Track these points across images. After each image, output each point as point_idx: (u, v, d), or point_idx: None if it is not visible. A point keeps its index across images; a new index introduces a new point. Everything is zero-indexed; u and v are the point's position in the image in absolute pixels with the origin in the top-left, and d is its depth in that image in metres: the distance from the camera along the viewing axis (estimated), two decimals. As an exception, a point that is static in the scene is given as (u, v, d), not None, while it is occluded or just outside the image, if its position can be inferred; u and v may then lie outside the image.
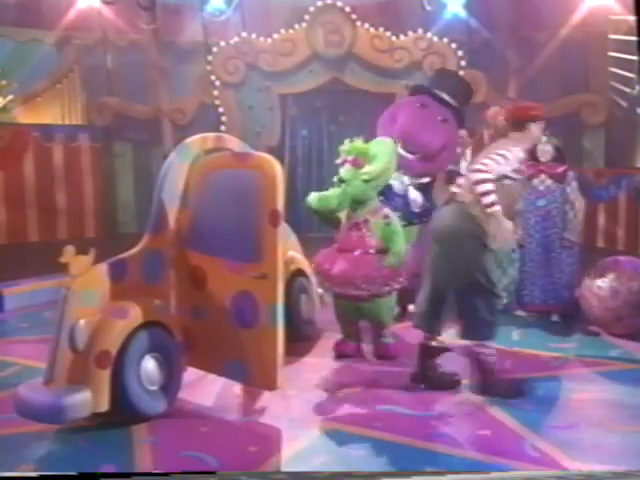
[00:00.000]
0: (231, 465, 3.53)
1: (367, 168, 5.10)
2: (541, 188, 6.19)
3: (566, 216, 6.11)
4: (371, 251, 5.06)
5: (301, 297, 5.70)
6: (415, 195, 6.10)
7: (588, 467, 3.46)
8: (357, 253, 5.06)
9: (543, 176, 6.20)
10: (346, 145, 5.24)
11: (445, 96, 6.23)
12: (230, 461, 3.57)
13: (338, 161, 5.24)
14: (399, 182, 5.98)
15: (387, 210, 5.25)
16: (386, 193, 5.68)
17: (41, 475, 3.45)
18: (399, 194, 5.99)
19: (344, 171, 5.13)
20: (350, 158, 5.14)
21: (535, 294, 6.25)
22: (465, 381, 4.74)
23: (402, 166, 5.83)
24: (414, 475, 3.39)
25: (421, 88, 6.54)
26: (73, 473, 3.35)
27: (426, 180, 6.20)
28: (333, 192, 5.12)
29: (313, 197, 5.18)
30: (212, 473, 3.43)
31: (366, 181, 5.08)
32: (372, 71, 10.96)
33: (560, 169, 6.18)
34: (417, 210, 6.06)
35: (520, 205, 6.39)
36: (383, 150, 5.28)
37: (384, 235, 5.11)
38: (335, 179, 5.21)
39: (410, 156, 6.06)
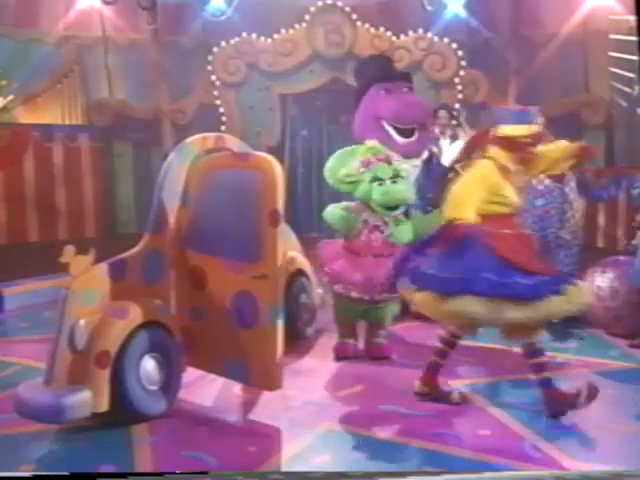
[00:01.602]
0: (231, 465, 3.53)
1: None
2: (540, 188, 6.17)
3: (564, 216, 6.10)
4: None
5: (301, 297, 5.70)
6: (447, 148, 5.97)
7: (588, 467, 3.47)
8: (386, 257, 4.93)
9: (542, 175, 6.16)
10: (371, 143, 5.23)
11: (386, 73, 6.30)
12: (230, 461, 3.57)
13: (371, 160, 5.10)
14: (410, 166, 5.73)
15: None
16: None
17: (41, 475, 3.44)
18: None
19: (380, 169, 5.00)
20: (382, 156, 5.12)
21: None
22: (467, 381, 4.75)
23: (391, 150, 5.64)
24: (414, 475, 3.39)
25: (364, 86, 6.42)
26: (73, 473, 3.35)
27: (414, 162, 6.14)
28: (399, 186, 4.98)
29: (382, 191, 4.92)
30: (212, 473, 3.43)
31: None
32: (372, 71, 10.93)
33: (559, 169, 6.16)
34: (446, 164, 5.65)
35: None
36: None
37: (392, 231, 5.11)
38: (368, 179, 5.00)
39: (399, 139, 6.13)
